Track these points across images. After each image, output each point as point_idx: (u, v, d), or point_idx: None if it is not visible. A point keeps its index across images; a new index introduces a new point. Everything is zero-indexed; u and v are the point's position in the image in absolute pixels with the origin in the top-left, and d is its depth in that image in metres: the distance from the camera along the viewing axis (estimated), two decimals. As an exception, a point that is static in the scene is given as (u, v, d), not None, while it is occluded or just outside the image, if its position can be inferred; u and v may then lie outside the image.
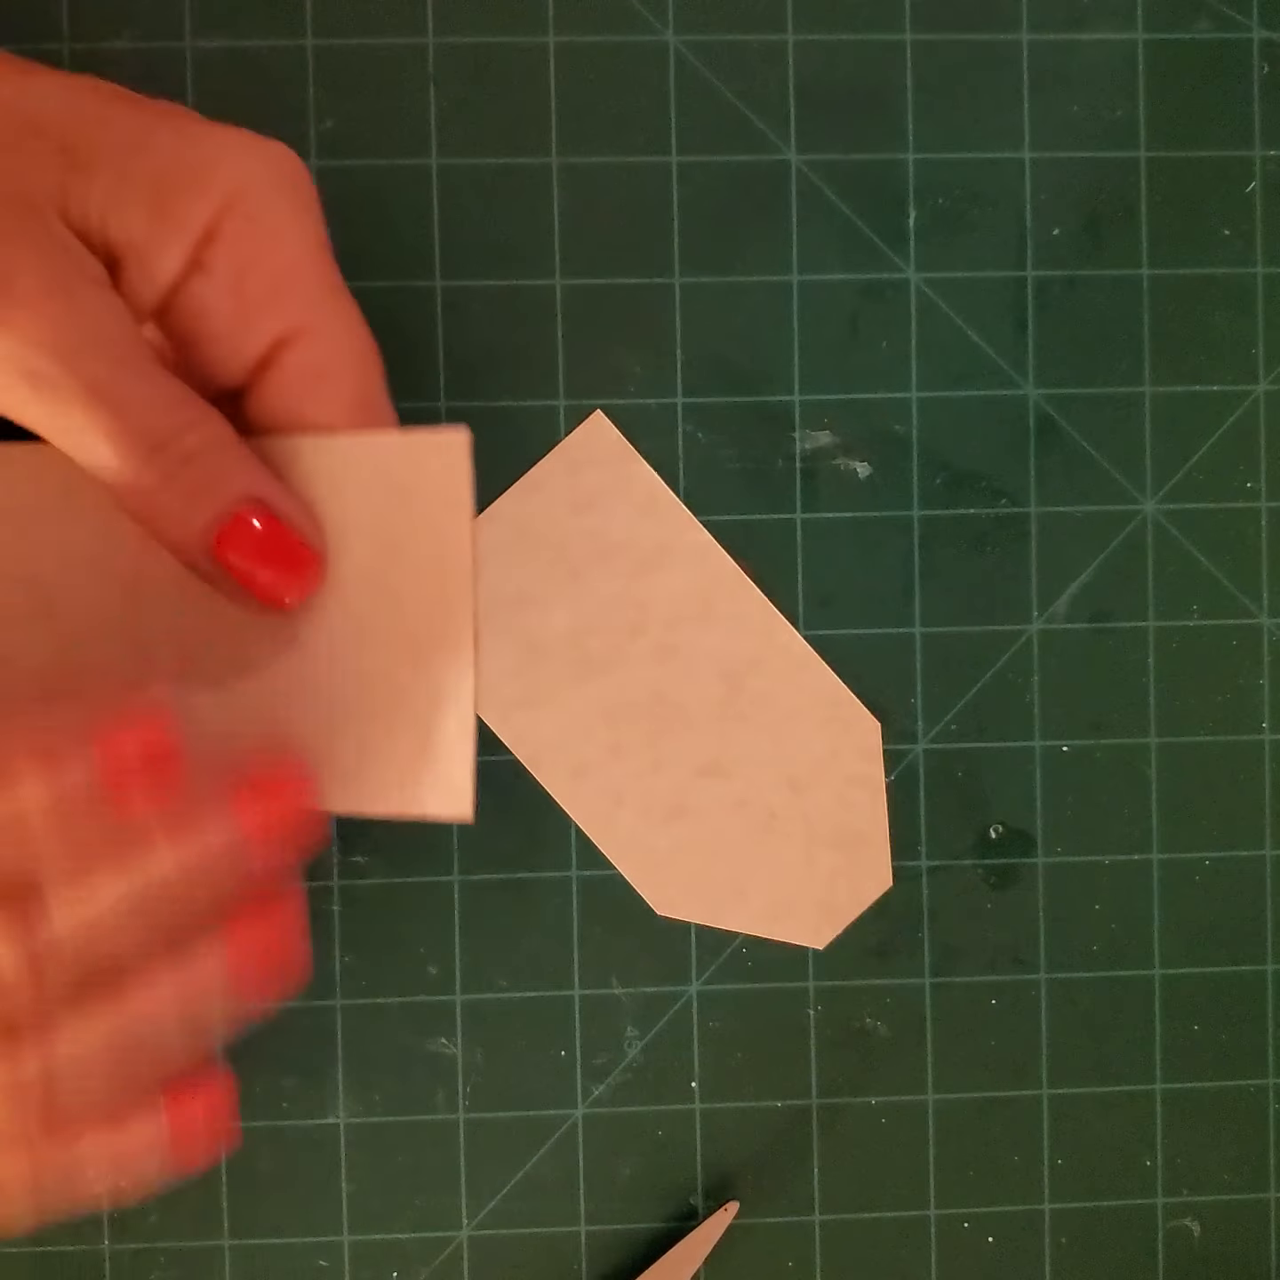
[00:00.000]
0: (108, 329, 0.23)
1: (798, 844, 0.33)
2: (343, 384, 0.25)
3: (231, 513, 0.24)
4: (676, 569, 0.33)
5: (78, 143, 0.23)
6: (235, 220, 0.24)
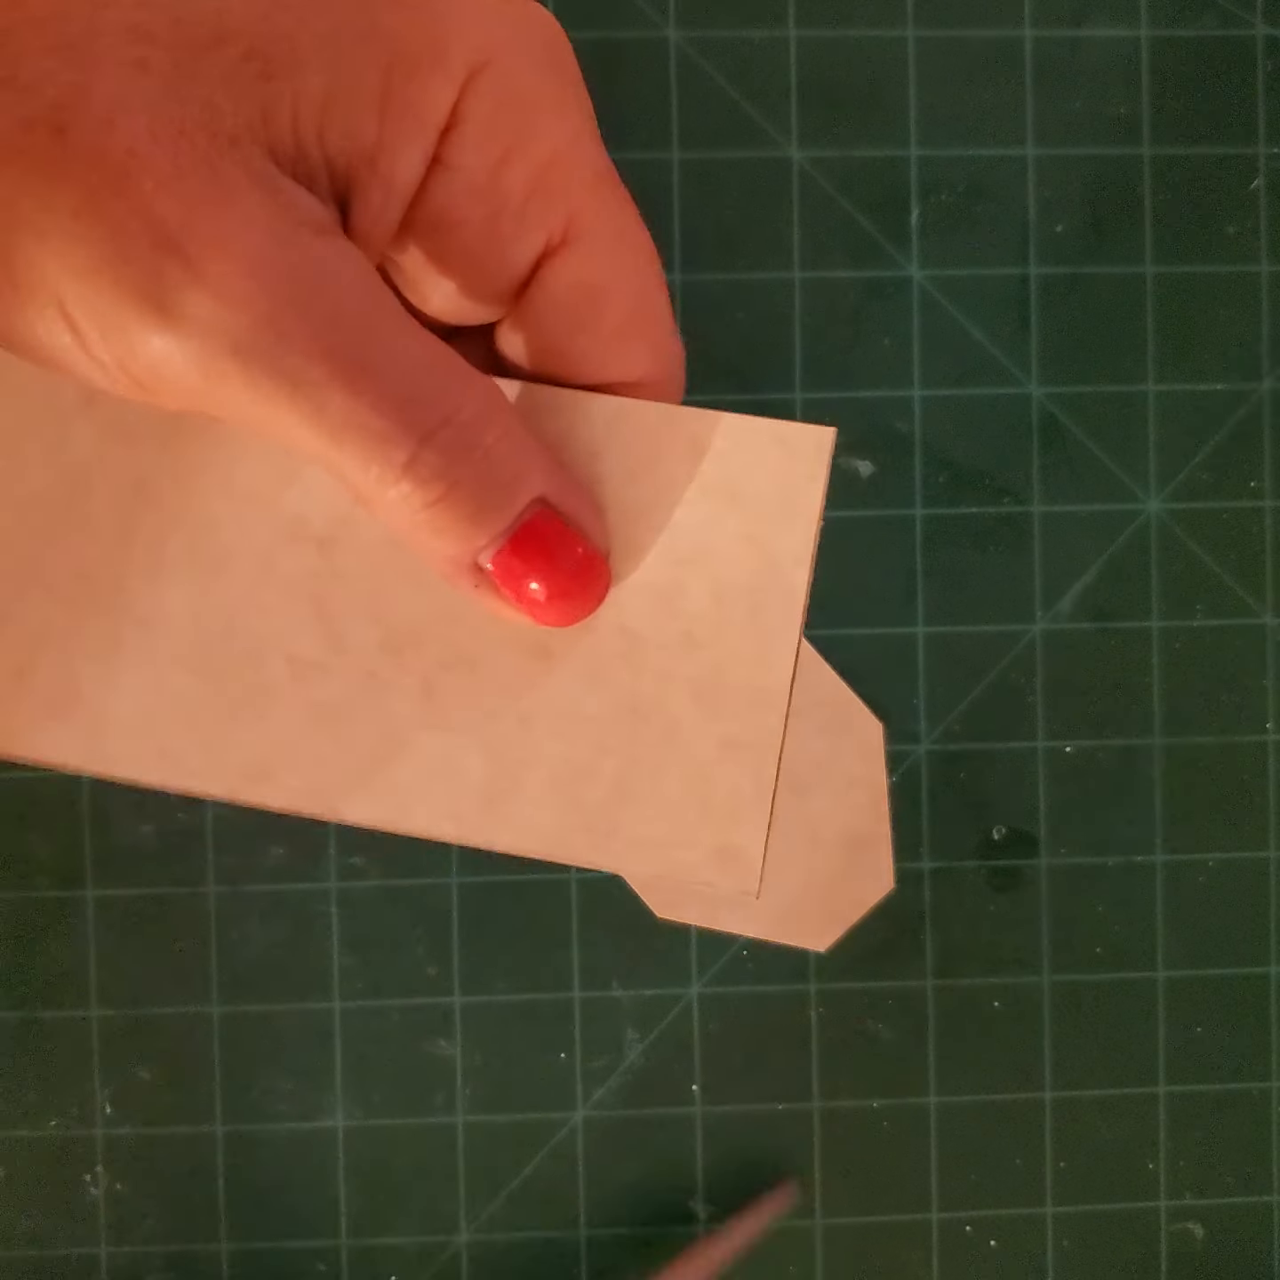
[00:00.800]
0: (348, 290, 0.18)
1: (799, 846, 0.33)
2: (621, 304, 0.20)
3: (520, 521, 0.19)
4: None
5: (271, 45, 0.17)
6: (483, 99, 0.18)
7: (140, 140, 0.17)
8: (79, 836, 0.32)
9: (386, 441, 0.18)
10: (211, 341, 0.17)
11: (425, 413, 0.18)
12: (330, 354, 0.17)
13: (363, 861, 0.33)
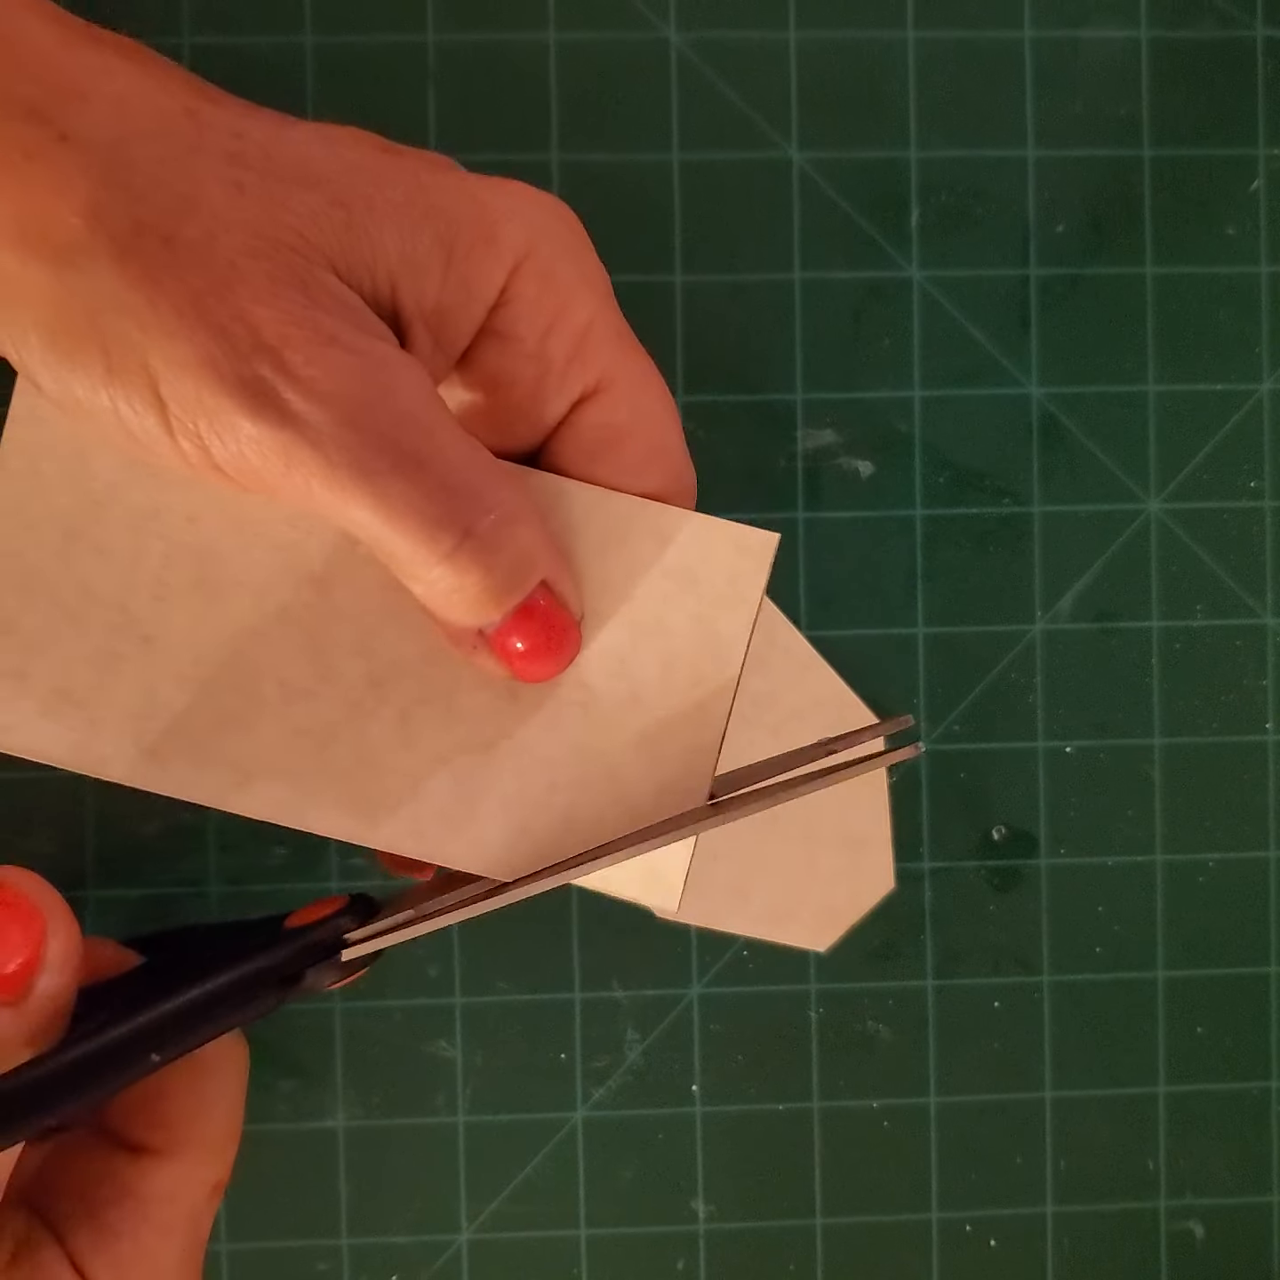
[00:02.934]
0: (412, 394, 0.20)
1: (799, 846, 0.33)
2: (640, 442, 0.23)
3: (528, 602, 0.22)
4: None
5: (353, 199, 0.20)
6: (529, 281, 0.22)
7: (240, 254, 0.19)
8: (82, 836, 0.32)
9: (437, 527, 0.20)
10: (299, 433, 0.19)
11: (470, 507, 0.20)
12: (395, 448, 0.20)
13: (363, 862, 0.33)
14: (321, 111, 0.32)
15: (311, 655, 0.23)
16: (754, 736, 0.33)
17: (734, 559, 0.23)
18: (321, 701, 0.23)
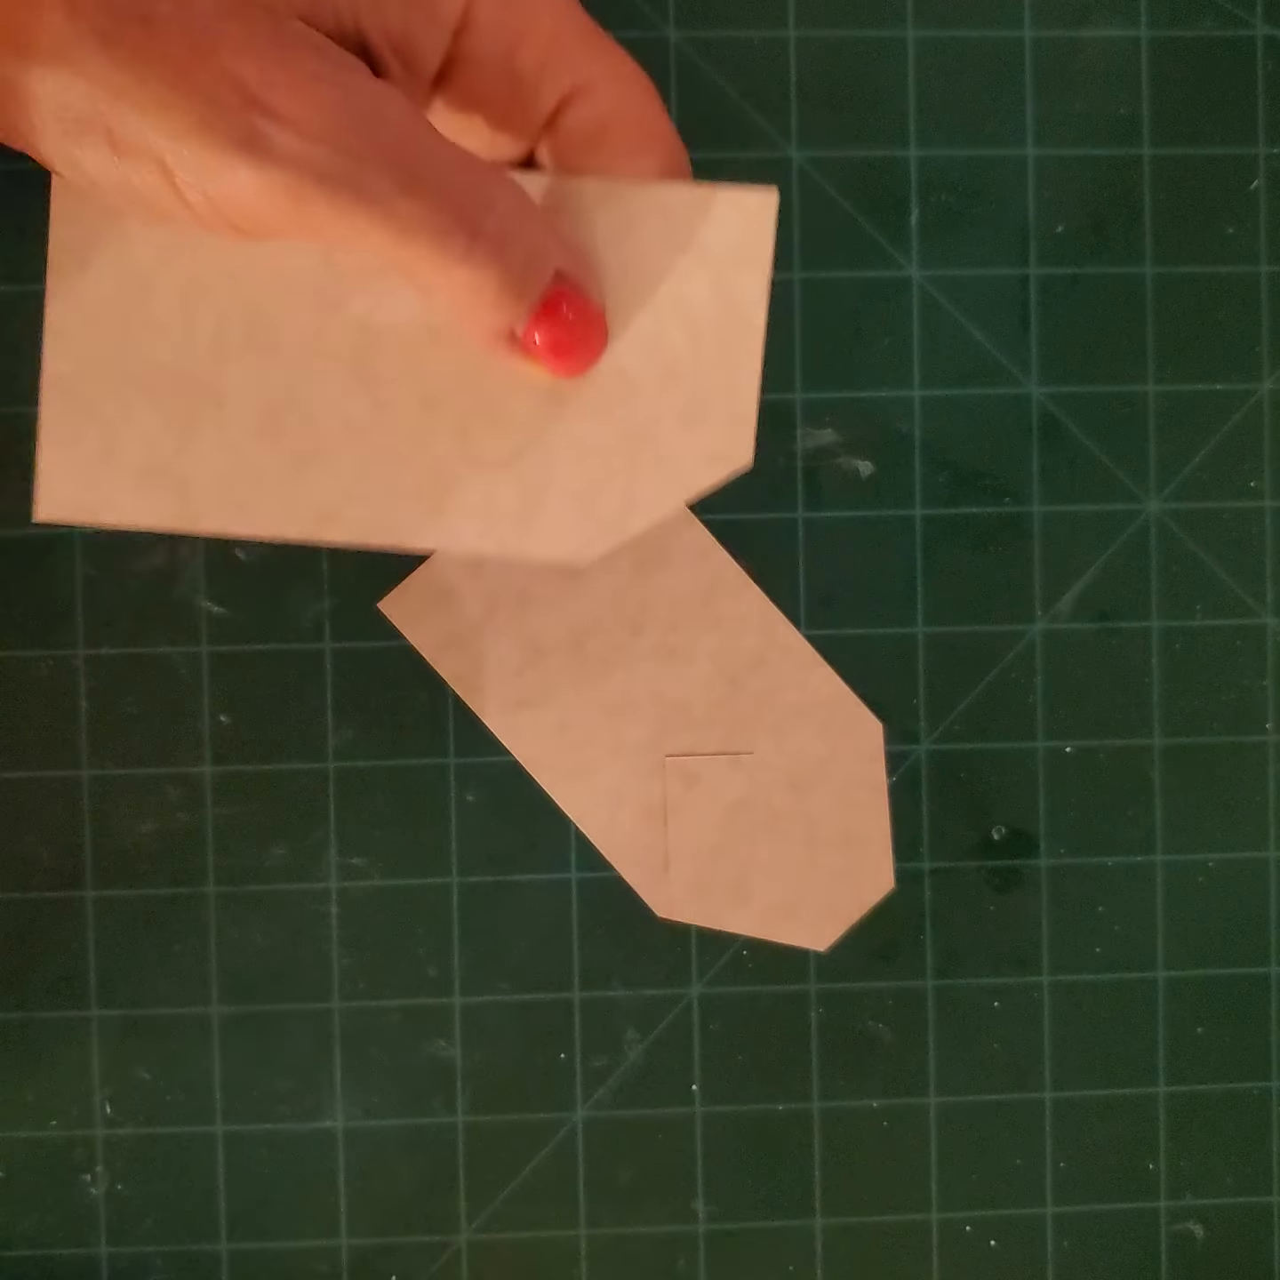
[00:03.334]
0: (398, 116, 0.21)
1: (799, 846, 0.33)
2: (627, 128, 0.24)
3: (544, 295, 0.23)
4: (678, 569, 0.33)
5: None
6: (489, 4, 0.23)
7: (213, 19, 0.20)
8: (79, 837, 0.32)
9: (447, 234, 0.21)
10: (300, 172, 0.20)
11: (474, 209, 0.22)
12: (393, 168, 0.21)
13: (363, 862, 0.33)
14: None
15: (365, 389, 0.25)
16: (753, 736, 0.33)
17: (739, 221, 0.24)
18: (384, 431, 0.25)
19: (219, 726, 0.32)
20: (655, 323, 0.24)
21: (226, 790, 0.33)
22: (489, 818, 0.33)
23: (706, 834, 0.33)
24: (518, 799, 0.33)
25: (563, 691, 0.32)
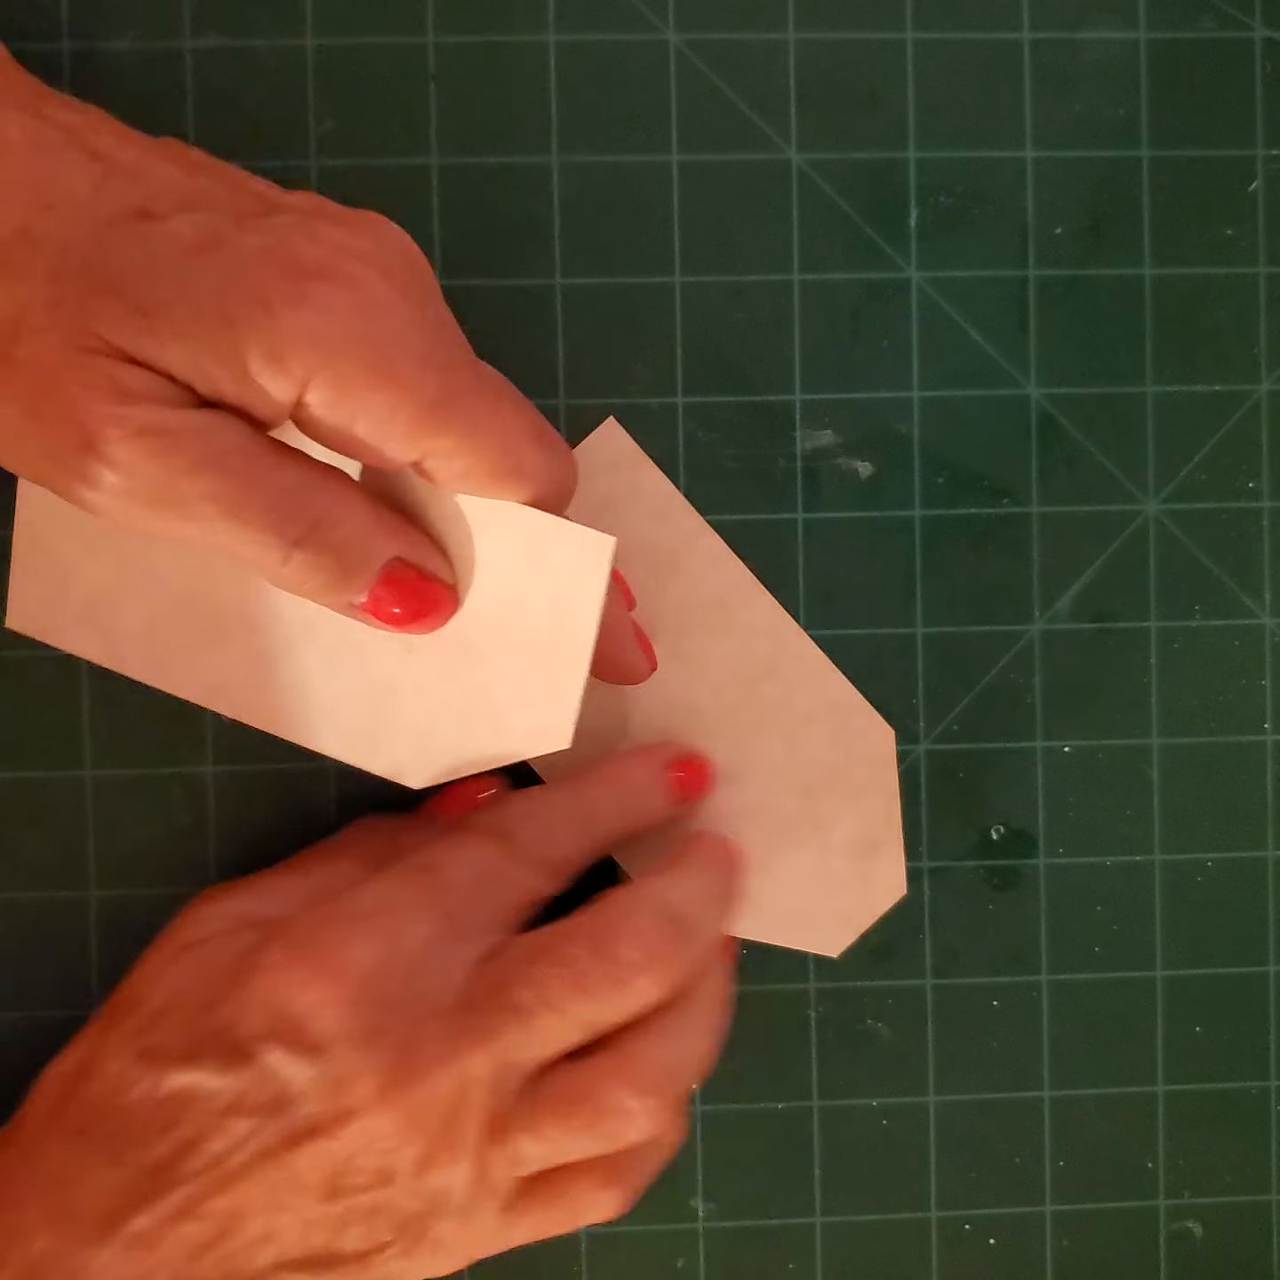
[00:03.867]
0: (226, 446, 0.24)
1: (811, 852, 0.33)
2: (489, 480, 0.26)
3: (378, 576, 0.26)
4: (690, 575, 0.33)
5: (153, 307, 0.23)
6: (322, 391, 0.24)
7: (61, 366, 0.23)
8: (82, 837, 0.33)
9: (266, 548, 0.25)
10: (128, 501, 0.24)
11: (290, 526, 0.25)
12: (211, 498, 0.24)
13: (364, 861, 0.33)
14: (322, 114, 0.32)
15: (260, 597, 0.29)
16: (766, 741, 0.33)
17: (581, 554, 0.27)
18: (269, 635, 0.29)
19: (222, 727, 0.33)
20: (501, 612, 0.28)
21: (229, 791, 0.33)
22: (490, 817, 0.33)
23: (712, 837, 0.33)
24: (518, 799, 0.33)
25: None
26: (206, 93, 0.32)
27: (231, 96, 0.32)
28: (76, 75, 0.32)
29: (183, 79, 0.32)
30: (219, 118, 0.32)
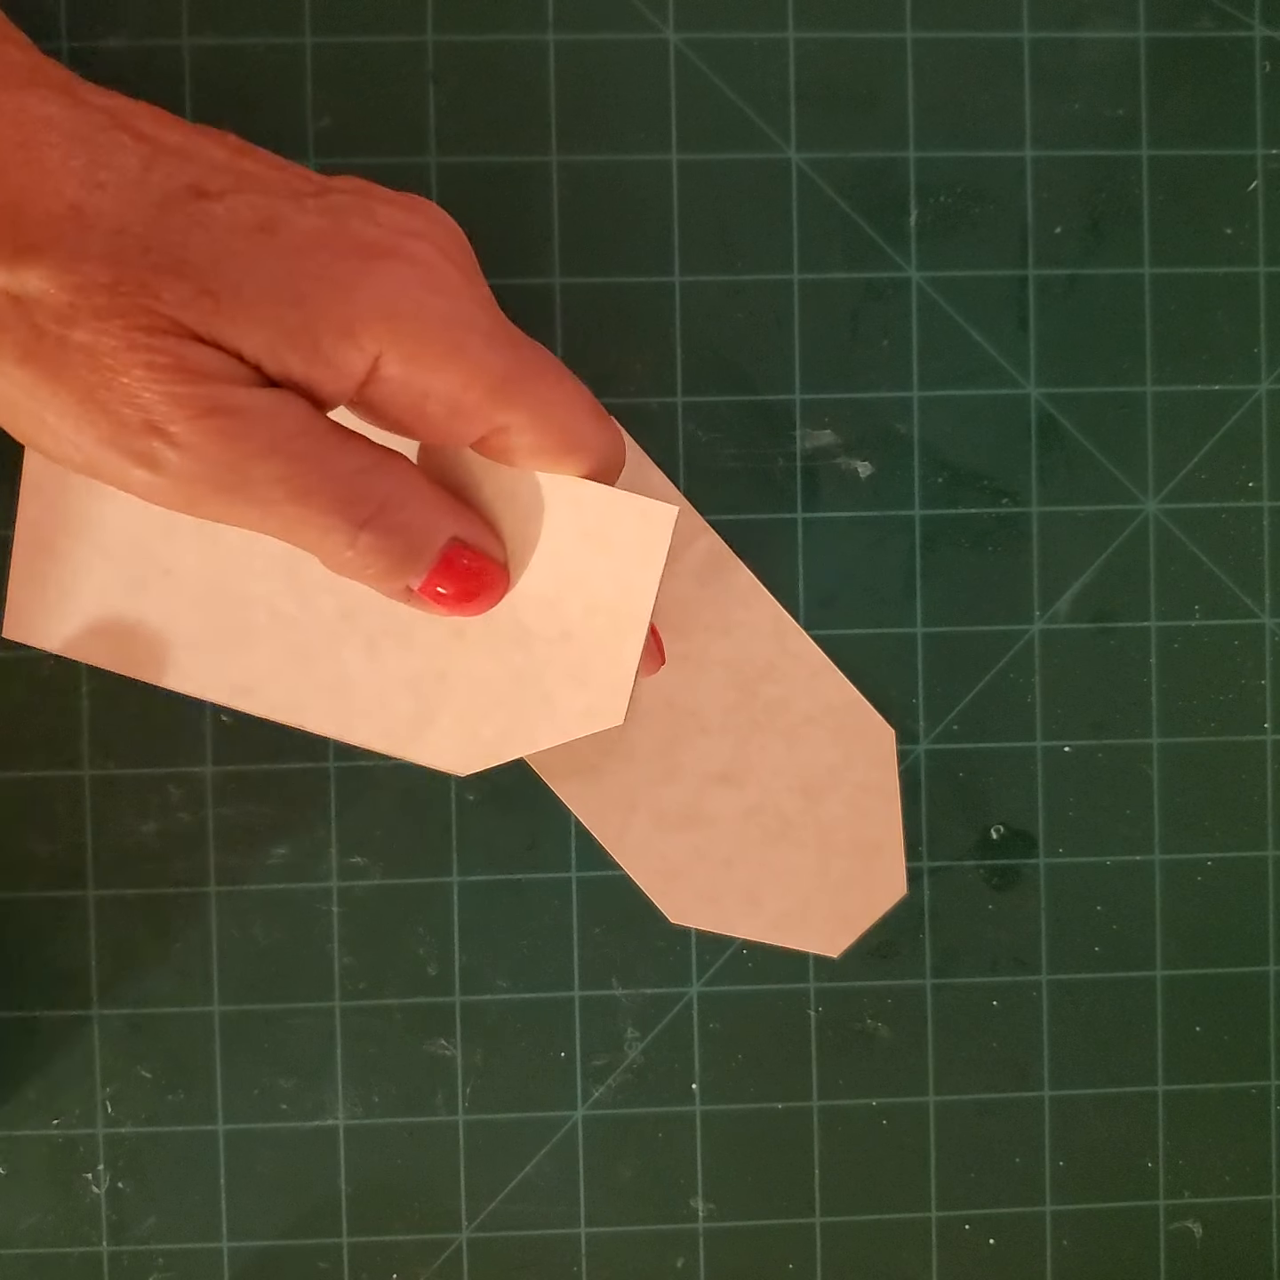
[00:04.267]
0: (290, 429, 0.24)
1: (811, 852, 0.33)
2: (551, 450, 0.26)
3: (438, 558, 0.26)
4: (690, 575, 0.33)
5: (221, 288, 0.23)
6: (393, 365, 0.24)
7: (123, 348, 0.22)
8: (80, 836, 0.32)
9: (332, 531, 0.25)
10: (192, 484, 0.23)
11: (358, 506, 0.25)
12: (280, 482, 0.24)
13: (363, 861, 0.33)
14: (320, 113, 0.32)
15: (293, 589, 0.28)
16: (766, 741, 0.33)
17: (641, 526, 0.27)
18: (303, 628, 0.28)
19: (220, 726, 0.33)
20: (557, 590, 0.27)
21: (228, 790, 0.33)
22: (489, 817, 0.33)
23: (719, 840, 0.33)
24: (518, 798, 0.33)
25: None
26: (205, 91, 0.32)
27: (230, 95, 0.32)
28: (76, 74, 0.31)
29: (180, 77, 0.32)
30: (217, 116, 0.32)
